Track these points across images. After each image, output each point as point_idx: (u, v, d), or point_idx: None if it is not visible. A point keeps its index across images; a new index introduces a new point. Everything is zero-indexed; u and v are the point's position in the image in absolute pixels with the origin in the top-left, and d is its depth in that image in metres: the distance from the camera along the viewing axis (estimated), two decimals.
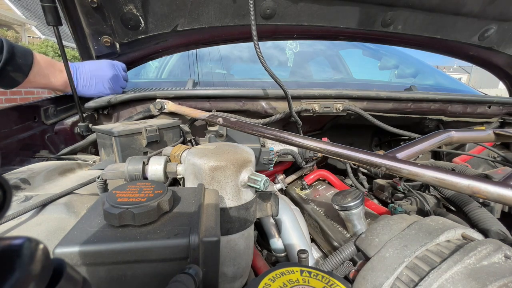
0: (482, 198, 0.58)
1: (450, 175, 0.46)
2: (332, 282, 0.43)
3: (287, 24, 1.14)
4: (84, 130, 1.04)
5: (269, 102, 1.12)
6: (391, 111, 1.23)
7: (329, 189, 1.08)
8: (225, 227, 0.59)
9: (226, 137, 0.97)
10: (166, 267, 0.39)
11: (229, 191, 0.58)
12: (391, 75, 1.98)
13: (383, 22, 1.18)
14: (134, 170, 0.59)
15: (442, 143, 0.71)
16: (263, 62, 0.92)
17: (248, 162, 0.60)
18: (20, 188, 0.63)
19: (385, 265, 0.49)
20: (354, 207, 0.75)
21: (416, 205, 0.86)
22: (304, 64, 1.90)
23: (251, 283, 0.42)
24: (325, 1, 1.09)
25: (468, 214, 0.72)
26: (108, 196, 0.42)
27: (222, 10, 1.04)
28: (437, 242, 0.50)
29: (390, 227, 0.57)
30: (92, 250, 0.37)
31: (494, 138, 0.79)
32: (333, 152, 0.58)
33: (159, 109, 1.03)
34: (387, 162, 0.52)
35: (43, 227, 0.52)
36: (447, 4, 1.14)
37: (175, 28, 1.05)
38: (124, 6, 0.96)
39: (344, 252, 0.61)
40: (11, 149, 0.93)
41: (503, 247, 0.45)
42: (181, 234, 0.39)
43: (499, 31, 1.28)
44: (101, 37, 1.02)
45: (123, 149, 0.77)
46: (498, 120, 1.40)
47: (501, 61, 1.48)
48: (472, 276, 0.41)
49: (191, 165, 0.59)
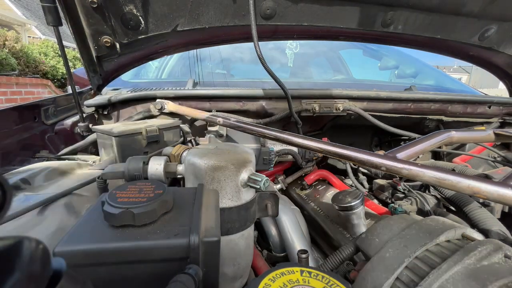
0: (482, 198, 0.58)
1: (450, 175, 0.46)
2: (332, 282, 0.43)
3: (287, 24, 1.14)
4: (84, 130, 1.04)
5: (269, 102, 1.12)
6: (391, 111, 1.23)
7: (329, 189, 1.08)
8: (225, 227, 0.59)
9: (226, 137, 0.97)
10: (166, 267, 0.39)
11: (229, 191, 0.58)
12: (391, 75, 1.98)
13: (383, 22, 1.18)
14: (134, 170, 0.59)
15: (442, 143, 0.71)
16: (263, 62, 0.92)
17: (248, 162, 0.60)
18: (20, 188, 0.63)
19: (385, 265, 0.49)
20: (354, 207, 0.75)
21: (416, 205, 0.86)
22: (304, 64, 1.89)
23: (251, 283, 0.42)
24: (325, 1, 1.09)
25: (468, 214, 0.72)
26: (108, 196, 0.42)
27: (222, 10, 1.04)
28: (437, 242, 0.50)
29: (390, 227, 0.57)
30: (92, 250, 0.37)
31: (494, 138, 0.79)
32: (333, 152, 0.58)
33: (159, 109, 1.03)
34: (387, 162, 0.52)
35: (43, 227, 0.52)
36: (447, 4, 1.14)
37: (175, 28, 1.04)
38: (124, 6, 0.96)
39: (344, 252, 0.61)
40: (11, 149, 0.93)
41: (503, 247, 0.45)
42: (181, 234, 0.39)
43: (499, 31, 1.28)
44: (101, 37, 1.02)
45: (123, 149, 0.77)
46: (498, 120, 1.40)
47: (501, 61, 1.48)
48: (472, 276, 0.41)
49: (191, 165, 0.59)
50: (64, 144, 1.09)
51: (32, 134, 1.03)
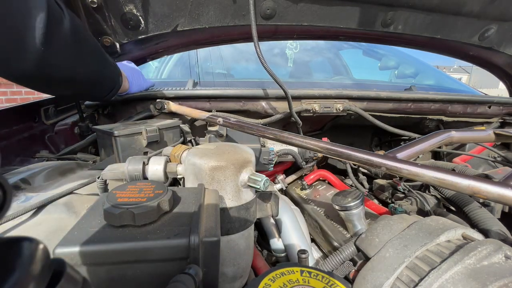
0: (482, 198, 0.58)
1: (450, 175, 0.46)
2: (332, 282, 0.43)
3: (287, 24, 1.14)
4: (84, 130, 1.04)
5: (269, 102, 1.12)
6: (391, 111, 1.23)
7: (329, 189, 1.08)
8: (225, 227, 0.59)
9: (226, 137, 0.97)
10: (166, 267, 0.39)
11: (229, 191, 0.58)
12: (391, 75, 1.98)
13: (383, 22, 1.18)
14: (134, 170, 0.59)
15: (442, 143, 0.71)
16: (263, 62, 0.92)
17: (248, 162, 0.60)
18: (20, 188, 0.63)
19: (385, 265, 0.49)
20: (354, 207, 0.75)
21: (416, 205, 0.86)
22: (304, 64, 1.89)
23: (251, 283, 0.43)
24: (325, 1, 1.09)
25: (468, 214, 0.72)
26: (108, 196, 0.42)
27: (222, 10, 1.04)
28: (437, 242, 0.50)
29: (390, 227, 0.57)
30: (92, 250, 0.37)
31: (494, 138, 0.79)
32: (333, 152, 0.58)
33: (159, 109, 1.03)
34: (387, 162, 0.52)
35: (43, 227, 0.52)
36: (447, 4, 1.14)
37: (175, 28, 1.05)
38: (124, 6, 0.96)
39: (344, 252, 0.61)
40: (11, 149, 0.93)
41: (503, 247, 0.45)
42: (181, 234, 0.39)
43: (499, 31, 1.28)
44: (101, 37, 1.02)
45: (123, 149, 0.77)
46: (498, 120, 1.40)
47: (501, 61, 1.48)
48: (472, 276, 0.41)
49: (191, 165, 0.59)
50: (64, 144, 1.09)
51: (32, 134, 1.03)
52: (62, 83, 0.73)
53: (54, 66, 0.66)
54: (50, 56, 0.62)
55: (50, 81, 0.70)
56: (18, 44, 0.57)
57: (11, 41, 0.56)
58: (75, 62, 0.71)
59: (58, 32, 0.63)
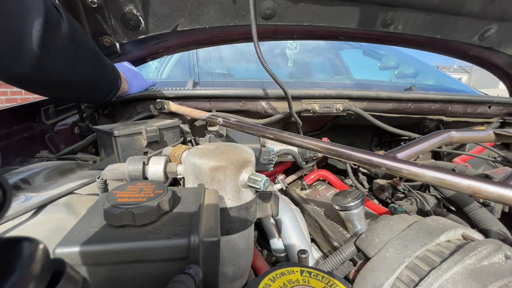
0: (482, 198, 0.58)
1: (450, 175, 0.46)
2: (332, 282, 0.43)
3: (287, 24, 1.14)
4: (84, 130, 1.04)
5: (269, 102, 1.12)
6: (391, 111, 1.23)
7: (329, 189, 1.08)
8: (225, 227, 0.59)
9: (226, 137, 0.97)
10: (166, 267, 0.39)
11: (229, 191, 0.58)
12: (391, 75, 1.98)
13: (383, 22, 1.18)
14: (134, 170, 0.59)
15: (442, 143, 0.71)
16: (263, 62, 0.92)
17: (248, 162, 0.60)
18: (20, 188, 0.63)
19: (385, 265, 0.49)
20: (354, 207, 0.75)
21: (416, 205, 0.86)
22: (304, 64, 1.89)
23: (251, 283, 0.43)
24: (325, 1, 1.09)
25: (468, 214, 0.72)
26: (108, 196, 0.42)
27: (222, 10, 1.04)
28: (437, 242, 0.50)
29: (390, 227, 0.57)
30: (92, 250, 0.37)
31: (494, 138, 0.79)
32: (333, 152, 0.58)
33: (159, 109, 1.03)
34: (387, 162, 0.52)
35: (43, 227, 0.52)
36: (447, 4, 1.14)
37: (175, 28, 1.05)
38: (124, 6, 0.96)
39: (344, 252, 0.61)
40: (11, 149, 0.93)
41: (504, 247, 0.45)
42: (181, 234, 0.39)
43: (499, 31, 1.28)
44: (101, 37, 1.02)
45: (123, 149, 0.77)
46: (498, 120, 1.40)
47: (501, 61, 1.48)
48: (472, 276, 0.41)
49: (191, 165, 0.59)
50: (64, 144, 1.09)
51: (32, 134, 1.03)
52: (59, 86, 0.72)
53: (51, 69, 0.65)
54: (47, 59, 0.62)
55: (47, 84, 0.69)
56: (15, 47, 0.56)
57: (8, 44, 0.55)
58: (72, 65, 0.71)
59: (56, 35, 0.62)
